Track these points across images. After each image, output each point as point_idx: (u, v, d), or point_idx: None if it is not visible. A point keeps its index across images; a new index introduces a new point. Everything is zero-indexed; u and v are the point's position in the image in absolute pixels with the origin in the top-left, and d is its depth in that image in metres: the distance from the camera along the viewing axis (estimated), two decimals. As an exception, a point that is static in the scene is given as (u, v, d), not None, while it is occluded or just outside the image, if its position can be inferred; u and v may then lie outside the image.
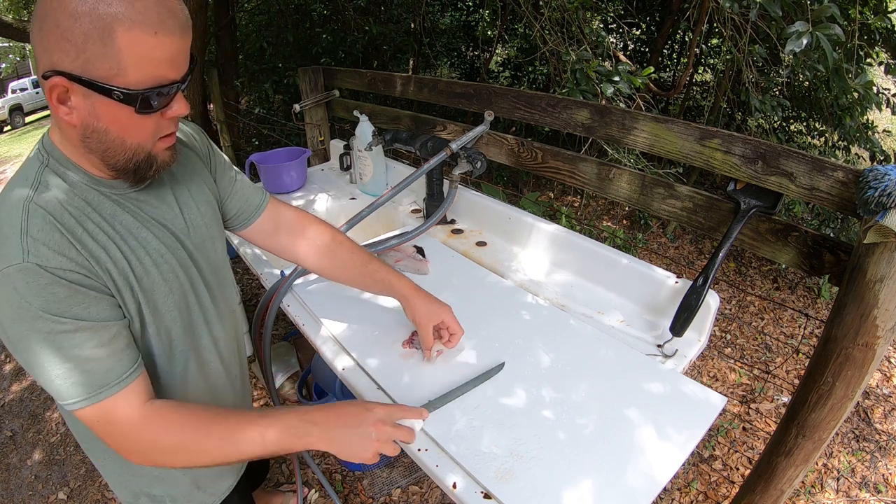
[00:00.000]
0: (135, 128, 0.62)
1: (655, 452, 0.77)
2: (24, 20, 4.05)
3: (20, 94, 12.85)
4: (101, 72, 0.56)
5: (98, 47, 0.54)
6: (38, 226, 0.60)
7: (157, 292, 0.72)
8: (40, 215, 0.60)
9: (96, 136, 0.61)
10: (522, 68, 4.50)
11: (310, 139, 2.29)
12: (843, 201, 0.88)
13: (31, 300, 0.58)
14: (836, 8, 1.47)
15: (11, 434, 2.16)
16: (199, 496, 0.92)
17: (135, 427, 0.66)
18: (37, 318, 0.59)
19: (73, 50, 0.54)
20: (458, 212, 1.58)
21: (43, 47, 0.56)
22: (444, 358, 0.98)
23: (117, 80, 0.57)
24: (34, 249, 0.58)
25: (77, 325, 0.61)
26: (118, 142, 0.62)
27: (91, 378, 0.63)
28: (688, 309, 1.00)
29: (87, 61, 0.55)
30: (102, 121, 0.60)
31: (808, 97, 3.19)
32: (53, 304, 0.59)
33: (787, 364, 2.38)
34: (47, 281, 0.59)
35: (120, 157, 0.64)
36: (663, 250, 3.43)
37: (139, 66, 0.57)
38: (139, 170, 0.66)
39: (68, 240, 0.62)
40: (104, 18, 0.53)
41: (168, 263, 0.74)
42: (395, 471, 1.78)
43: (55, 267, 0.59)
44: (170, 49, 0.58)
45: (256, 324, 1.22)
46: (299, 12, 4.02)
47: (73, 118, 0.59)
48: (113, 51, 0.55)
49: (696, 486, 1.74)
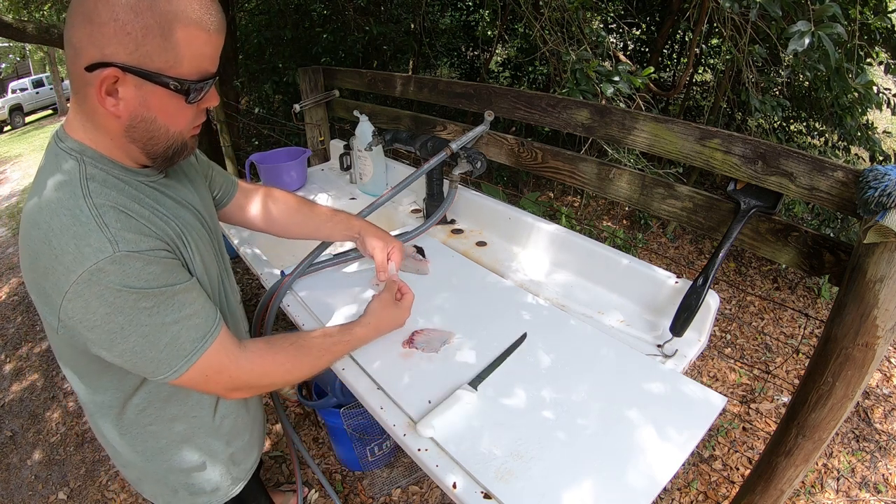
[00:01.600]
0: (180, 116, 0.67)
1: (655, 452, 0.77)
2: (23, 20, 4.05)
3: (20, 94, 12.85)
4: (158, 64, 0.59)
5: (158, 41, 0.58)
6: (113, 217, 0.62)
7: (206, 260, 0.79)
8: (109, 208, 0.62)
9: (143, 126, 0.65)
10: (522, 68, 4.50)
11: (310, 139, 2.29)
12: (843, 201, 0.88)
13: (131, 284, 0.61)
14: (837, 7, 1.47)
15: (11, 434, 2.16)
16: (234, 471, 0.96)
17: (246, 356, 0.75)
18: (139, 298, 0.62)
19: (131, 43, 0.57)
20: (458, 212, 1.58)
21: (92, 41, 0.57)
22: (443, 358, 0.98)
23: (172, 72, 0.61)
24: (121, 237, 0.61)
25: (173, 291, 0.66)
26: (163, 130, 0.66)
27: (196, 331, 0.68)
28: (688, 309, 1.00)
29: (146, 54, 0.58)
30: (152, 110, 0.63)
31: (808, 97, 3.19)
32: (153, 280, 0.63)
33: (787, 364, 2.38)
34: (144, 263, 0.62)
35: (162, 144, 0.68)
36: (663, 250, 3.43)
37: (192, 60, 0.62)
38: (174, 155, 0.71)
39: (142, 224, 0.65)
40: (165, 15, 0.57)
41: (202, 236, 0.80)
42: (395, 471, 1.78)
43: (146, 249, 0.63)
44: (216, 45, 0.64)
45: (256, 324, 1.22)
46: (299, 12, 4.02)
47: (120, 109, 0.62)
48: (171, 44, 0.59)
49: (696, 486, 1.74)
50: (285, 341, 0.83)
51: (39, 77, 13.66)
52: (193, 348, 0.68)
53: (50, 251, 0.59)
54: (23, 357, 2.67)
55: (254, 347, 0.78)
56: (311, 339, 0.87)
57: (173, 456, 0.86)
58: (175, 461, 0.86)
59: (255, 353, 0.77)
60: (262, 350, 0.78)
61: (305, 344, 0.85)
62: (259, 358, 0.77)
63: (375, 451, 1.70)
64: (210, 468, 0.91)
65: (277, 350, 0.81)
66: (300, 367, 0.83)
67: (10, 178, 6.96)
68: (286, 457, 1.89)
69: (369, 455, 1.70)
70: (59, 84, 12.82)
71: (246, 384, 0.77)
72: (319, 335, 0.88)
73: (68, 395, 2.34)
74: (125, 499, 1.80)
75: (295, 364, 0.82)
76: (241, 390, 0.78)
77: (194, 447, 0.87)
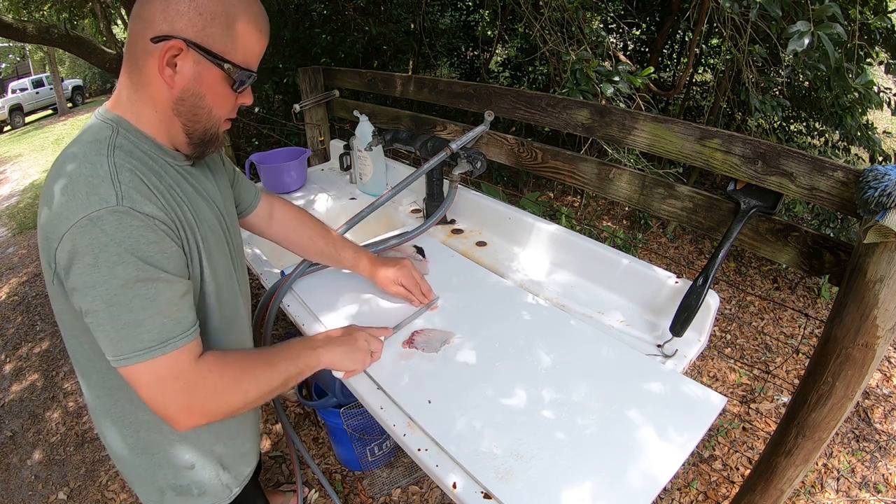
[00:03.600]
0: (224, 101, 0.73)
1: (655, 452, 0.77)
2: (23, 20, 4.05)
3: (20, 94, 12.84)
4: (218, 46, 0.68)
5: (222, 27, 0.67)
6: (128, 177, 0.64)
7: (214, 257, 0.78)
8: (127, 168, 0.65)
9: (191, 101, 0.70)
10: (522, 68, 4.50)
11: (310, 139, 2.29)
12: (843, 201, 0.88)
13: (120, 240, 0.61)
14: (837, 7, 1.47)
15: (11, 434, 2.16)
16: (225, 478, 0.93)
17: (198, 375, 0.70)
18: (120, 262, 0.61)
19: (200, 22, 0.65)
20: (458, 212, 1.58)
21: (165, 15, 0.65)
22: (444, 358, 0.98)
23: (229, 57, 0.69)
24: (128, 195, 0.63)
25: (156, 275, 0.64)
26: (206, 109, 0.72)
27: (162, 330, 0.65)
28: (688, 309, 1.00)
29: (210, 35, 0.66)
30: (203, 86, 0.70)
31: (808, 97, 3.19)
32: (142, 245, 0.63)
33: (787, 364, 2.38)
34: (140, 223, 0.63)
35: (202, 124, 0.73)
36: (663, 250, 3.43)
37: (245, 53, 0.71)
38: (208, 143, 0.76)
39: (154, 193, 0.67)
40: (232, 8, 0.67)
41: (217, 233, 0.81)
42: (395, 471, 1.78)
43: (147, 213, 0.64)
44: (262, 47, 0.73)
45: (256, 324, 1.22)
46: (299, 12, 4.02)
47: (175, 80, 0.68)
48: (232, 33, 0.68)
49: (696, 486, 1.74)
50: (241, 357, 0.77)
51: (39, 77, 13.65)
52: (148, 347, 0.64)
53: (63, 195, 0.62)
54: (23, 357, 2.67)
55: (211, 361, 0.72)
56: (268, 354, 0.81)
57: (163, 450, 0.84)
58: (164, 456, 0.84)
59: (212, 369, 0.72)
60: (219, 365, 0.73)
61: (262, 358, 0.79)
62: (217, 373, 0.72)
63: (375, 451, 1.70)
64: (199, 469, 0.88)
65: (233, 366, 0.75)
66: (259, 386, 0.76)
67: (10, 178, 6.96)
68: (286, 457, 1.89)
69: (369, 455, 1.70)
70: (59, 84, 12.82)
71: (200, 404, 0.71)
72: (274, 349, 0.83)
73: (68, 395, 2.34)
74: (125, 499, 1.79)
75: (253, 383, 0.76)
76: (194, 412, 0.70)
77: (185, 443, 0.85)
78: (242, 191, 1.03)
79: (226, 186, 0.92)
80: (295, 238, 1.13)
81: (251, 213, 1.07)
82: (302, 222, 1.14)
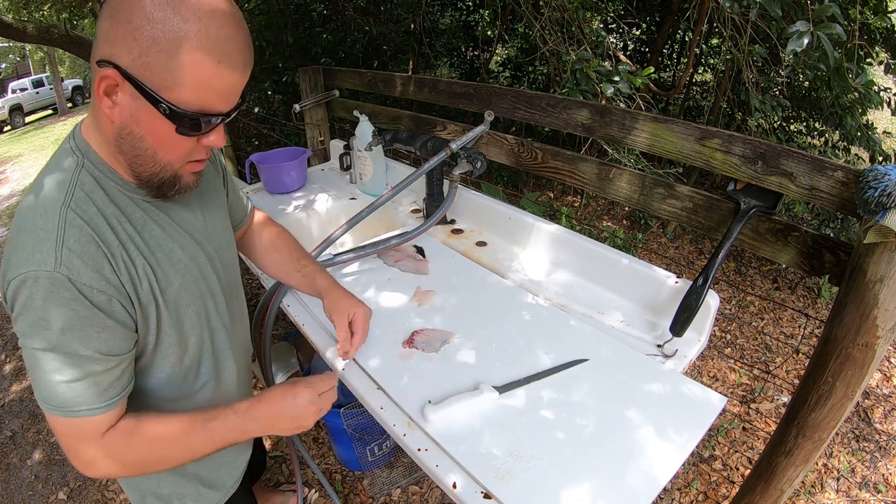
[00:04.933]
0: (170, 145, 0.62)
1: (655, 452, 0.77)
2: (23, 20, 4.05)
3: (20, 94, 12.84)
4: (155, 80, 0.56)
5: (161, 56, 0.54)
6: (75, 236, 0.60)
7: (180, 302, 0.74)
8: (78, 225, 0.61)
9: (130, 140, 0.61)
10: (522, 68, 4.50)
11: (310, 139, 2.29)
12: (843, 201, 0.88)
13: (46, 308, 0.58)
14: (836, 7, 1.47)
15: (11, 434, 2.16)
16: (207, 493, 0.92)
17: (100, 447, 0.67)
18: (44, 329, 0.59)
19: (136, 49, 0.54)
20: (458, 212, 1.58)
21: (106, 36, 0.56)
22: (443, 358, 0.98)
23: (168, 94, 0.57)
24: (67, 261, 0.59)
25: (76, 351, 0.61)
26: (150, 153, 0.62)
27: (72, 398, 0.63)
28: (688, 309, 1.00)
29: (146, 66, 0.55)
30: (141, 127, 0.60)
31: (808, 97, 3.19)
32: (70, 320, 0.59)
33: (787, 364, 2.38)
34: (72, 296, 0.59)
35: (147, 168, 0.64)
36: (663, 250, 3.43)
37: (194, 89, 0.57)
38: (163, 186, 0.66)
39: (104, 253, 0.62)
40: (176, 31, 0.54)
41: (190, 273, 0.75)
42: (395, 471, 1.78)
43: (84, 283, 0.60)
44: (227, 82, 0.59)
45: (256, 324, 1.22)
46: (299, 12, 4.02)
47: (114, 114, 0.59)
48: (174, 64, 0.55)
49: (696, 486, 1.74)
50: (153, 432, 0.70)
51: (39, 77, 13.66)
52: (56, 406, 0.63)
53: (17, 238, 0.60)
54: (23, 357, 2.67)
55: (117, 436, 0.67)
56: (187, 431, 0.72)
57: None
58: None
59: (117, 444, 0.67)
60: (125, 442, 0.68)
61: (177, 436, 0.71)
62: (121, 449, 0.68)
63: (375, 451, 1.70)
64: (179, 483, 0.88)
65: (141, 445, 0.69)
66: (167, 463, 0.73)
67: (10, 178, 6.96)
68: (286, 457, 1.89)
69: (369, 455, 1.70)
70: (59, 84, 12.83)
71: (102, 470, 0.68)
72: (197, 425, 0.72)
73: (68, 395, 2.33)
74: (125, 499, 1.79)
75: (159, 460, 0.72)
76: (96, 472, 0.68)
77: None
78: (233, 207, 0.96)
79: (219, 211, 0.85)
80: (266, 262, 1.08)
81: (237, 230, 1.01)
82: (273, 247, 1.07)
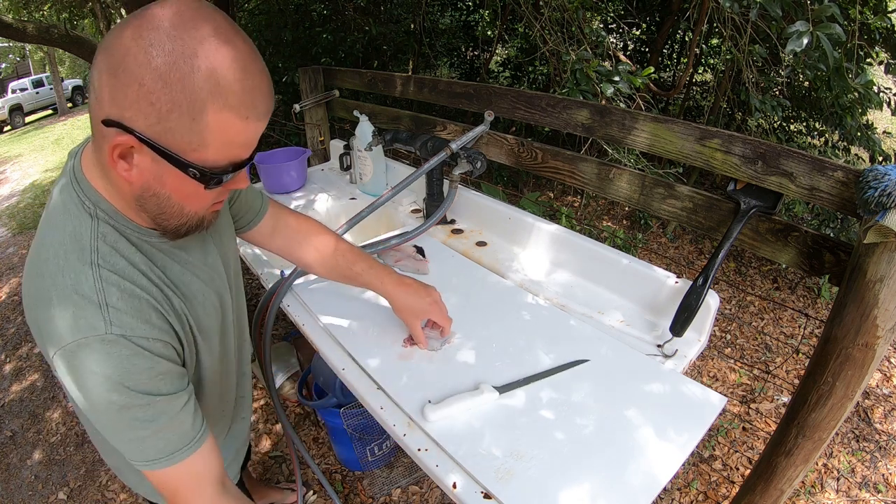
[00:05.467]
0: (198, 199, 0.61)
1: (655, 452, 0.77)
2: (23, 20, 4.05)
3: (20, 94, 12.85)
4: (180, 144, 0.53)
5: (185, 120, 0.51)
6: (116, 296, 0.58)
7: (209, 332, 0.74)
8: (115, 281, 0.59)
9: (155, 200, 0.59)
10: (522, 68, 4.50)
11: (310, 139, 2.29)
12: (843, 201, 0.88)
13: (110, 373, 0.57)
14: (836, 7, 1.47)
15: (11, 434, 2.16)
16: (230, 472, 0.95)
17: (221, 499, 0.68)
18: (113, 391, 0.58)
19: (154, 114, 0.50)
20: (458, 212, 1.58)
21: (112, 97, 0.51)
22: (443, 358, 0.98)
23: (194, 156, 0.54)
24: (117, 320, 0.57)
25: (152, 400, 0.60)
26: (177, 208, 0.60)
27: (167, 445, 0.63)
28: (688, 309, 1.00)
29: (168, 130, 0.51)
30: (167, 188, 0.57)
31: (808, 97, 3.19)
32: (133, 375, 0.58)
33: (787, 364, 2.38)
34: (130, 352, 0.58)
35: (174, 221, 0.62)
36: (663, 250, 3.43)
37: (221, 148, 0.55)
38: (187, 231, 0.65)
39: (148, 301, 0.61)
40: (198, 93, 0.50)
41: (211, 303, 0.75)
42: (395, 471, 1.78)
43: (140, 336, 0.59)
44: (253, 133, 0.57)
45: (256, 324, 1.22)
46: (299, 12, 4.02)
47: (133, 176, 0.56)
48: (199, 126, 0.52)
49: (696, 486, 1.74)
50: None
51: (39, 77, 13.66)
52: (157, 457, 0.62)
53: (50, 308, 0.57)
54: (23, 357, 2.67)
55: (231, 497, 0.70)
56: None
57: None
58: None
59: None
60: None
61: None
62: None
63: (375, 451, 1.70)
64: None
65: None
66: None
67: (10, 178, 6.96)
68: (286, 457, 1.89)
69: (369, 455, 1.70)
70: (59, 84, 12.83)
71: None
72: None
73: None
74: (125, 499, 1.79)
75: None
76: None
77: None
78: (242, 206, 0.92)
79: (229, 237, 0.84)
80: (299, 253, 1.02)
81: (252, 228, 0.96)
82: (308, 235, 1.01)
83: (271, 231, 0.98)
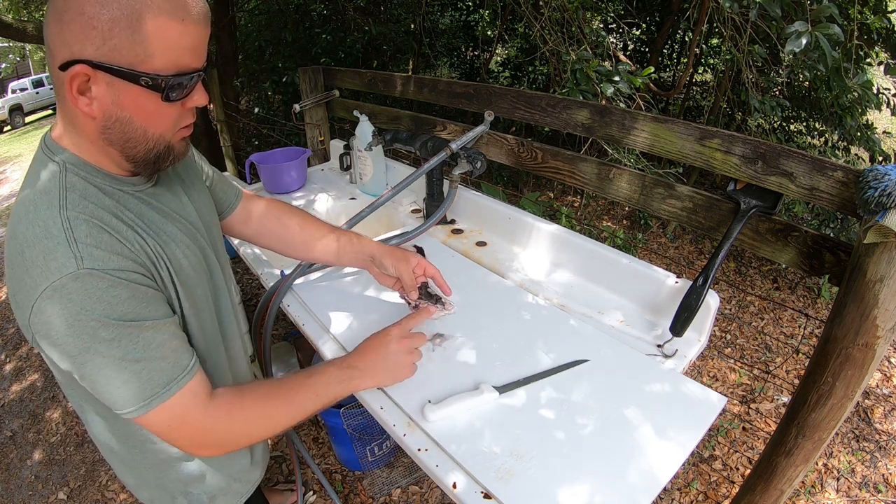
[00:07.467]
0: (158, 117, 0.62)
1: (655, 452, 0.77)
2: (23, 20, 4.05)
3: (20, 94, 12.84)
4: (127, 58, 0.56)
5: (126, 34, 0.54)
6: (84, 231, 0.59)
7: (191, 284, 0.73)
8: (82, 220, 0.59)
9: (118, 127, 0.61)
10: (522, 68, 4.50)
11: (310, 139, 2.29)
12: (843, 201, 0.88)
13: (90, 307, 0.57)
14: (835, 8, 1.47)
15: (11, 434, 2.16)
16: (236, 486, 0.93)
17: (208, 418, 0.68)
18: (98, 327, 0.58)
19: (98, 37, 0.54)
20: (458, 212, 1.58)
21: (62, 39, 0.55)
22: (443, 358, 0.98)
23: (143, 67, 0.57)
24: (87, 254, 0.57)
25: (141, 326, 0.61)
26: (140, 132, 0.62)
27: (159, 376, 0.63)
28: (688, 309, 1.00)
29: (114, 48, 0.55)
30: (126, 109, 0.59)
31: (808, 97, 3.19)
32: (116, 306, 0.58)
33: (787, 364, 2.38)
34: (107, 284, 0.58)
35: (141, 147, 0.63)
36: (663, 250, 3.44)
37: (165, 53, 0.57)
38: (158, 160, 0.66)
39: (117, 238, 0.61)
40: (132, 4, 0.54)
41: (194, 255, 0.75)
42: (395, 471, 1.78)
43: (113, 268, 0.59)
44: (194, 37, 0.59)
45: (256, 324, 1.22)
46: (299, 12, 4.02)
47: (94, 109, 0.59)
48: (141, 37, 0.55)
49: (696, 486, 1.74)
50: (257, 392, 0.75)
51: (39, 77, 13.65)
52: (154, 393, 0.62)
53: (22, 262, 0.58)
54: (23, 357, 2.67)
55: (222, 401, 0.70)
56: (289, 387, 0.77)
57: (174, 466, 0.84)
58: (175, 472, 0.84)
59: (222, 408, 0.70)
60: (230, 404, 0.71)
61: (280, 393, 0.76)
62: (227, 413, 0.70)
63: (375, 451, 1.70)
64: (209, 481, 0.88)
65: (247, 404, 0.73)
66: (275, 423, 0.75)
67: (10, 178, 6.96)
68: (286, 456, 1.89)
69: (369, 455, 1.70)
70: (60, 84, 12.80)
71: (213, 442, 0.71)
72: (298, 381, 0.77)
73: (68, 395, 2.34)
74: (125, 499, 1.80)
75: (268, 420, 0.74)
76: (209, 448, 0.72)
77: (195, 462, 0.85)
78: (219, 192, 0.95)
79: (200, 189, 0.85)
80: (274, 231, 1.03)
81: (227, 216, 0.99)
82: (280, 215, 1.03)
83: (244, 219, 1.02)
